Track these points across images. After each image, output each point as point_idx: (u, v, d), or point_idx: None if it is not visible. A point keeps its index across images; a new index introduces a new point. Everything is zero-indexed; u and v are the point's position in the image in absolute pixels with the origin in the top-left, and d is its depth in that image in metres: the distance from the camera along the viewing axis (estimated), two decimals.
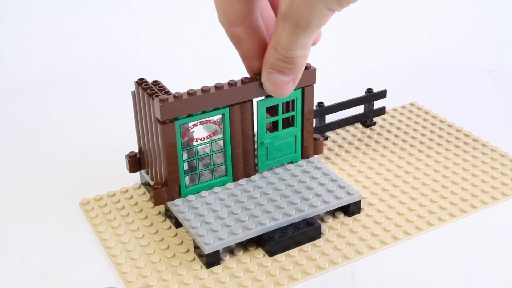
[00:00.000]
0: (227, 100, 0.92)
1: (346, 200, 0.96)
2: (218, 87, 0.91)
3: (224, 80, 0.94)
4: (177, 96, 0.89)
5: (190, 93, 0.90)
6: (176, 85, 1.08)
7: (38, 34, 1.55)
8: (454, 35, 1.63)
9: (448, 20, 1.68)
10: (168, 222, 0.97)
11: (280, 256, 0.90)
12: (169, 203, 0.95)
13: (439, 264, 0.89)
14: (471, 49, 1.57)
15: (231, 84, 0.92)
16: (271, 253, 0.90)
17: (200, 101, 0.90)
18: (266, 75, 0.86)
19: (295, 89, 0.97)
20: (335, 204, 0.95)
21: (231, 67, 1.34)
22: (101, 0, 1.61)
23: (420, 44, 1.61)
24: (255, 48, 0.88)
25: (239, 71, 0.97)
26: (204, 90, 0.91)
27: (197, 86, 0.93)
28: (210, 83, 0.94)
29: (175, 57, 1.55)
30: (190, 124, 0.93)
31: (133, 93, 0.99)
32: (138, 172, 1.06)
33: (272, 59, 0.83)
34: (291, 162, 1.03)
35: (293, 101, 0.99)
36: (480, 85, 1.42)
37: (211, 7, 0.86)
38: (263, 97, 0.96)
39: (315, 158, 1.04)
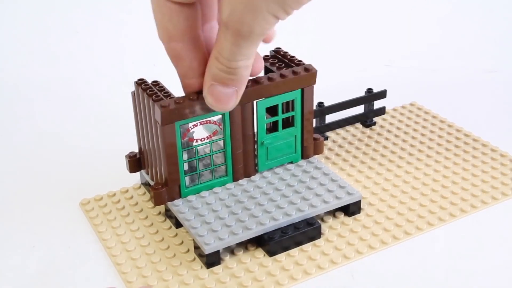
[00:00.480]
0: None
1: (346, 200, 0.96)
2: None
3: None
4: (178, 102, 0.89)
5: (191, 98, 0.89)
6: (176, 85, 1.08)
7: (37, 34, 1.55)
8: (454, 35, 1.63)
9: (448, 20, 1.68)
10: (168, 222, 0.97)
11: (280, 256, 0.90)
12: (169, 203, 0.95)
13: (439, 264, 0.89)
14: (471, 49, 1.57)
15: None
16: (271, 253, 0.90)
17: (201, 105, 0.90)
18: (208, 88, 0.81)
19: (294, 90, 0.97)
20: (335, 204, 0.95)
21: None
22: (101, 0, 1.61)
23: (420, 44, 1.61)
24: (194, 67, 0.84)
25: None
26: None
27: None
28: None
29: None
30: (190, 124, 0.93)
31: (133, 94, 0.99)
32: (138, 172, 1.06)
33: (215, 70, 0.79)
34: (291, 162, 1.03)
35: (293, 101, 0.99)
36: (480, 85, 1.42)
37: None
38: (262, 99, 0.96)
39: (315, 158, 1.04)
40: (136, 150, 1.05)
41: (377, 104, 1.24)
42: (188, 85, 0.87)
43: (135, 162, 1.03)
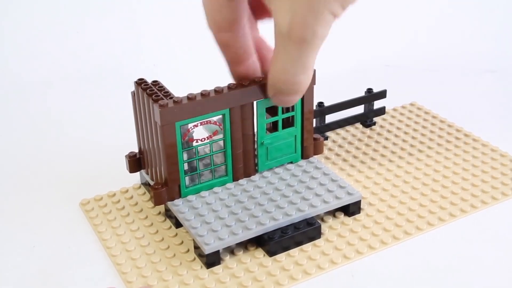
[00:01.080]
0: (227, 104, 0.92)
1: (346, 200, 0.96)
2: (217, 91, 0.91)
3: (222, 79, 0.93)
4: (177, 101, 0.89)
5: (190, 98, 0.90)
6: (176, 85, 1.08)
7: (38, 34, 1.55)
8: (454, 35, 1.63)
9: (448, 19, 1.68)
10: (168, 222, 0.97)
11: (280, 256, 0.90)
12: (169, 203, 0.95)
13: (439, 264, 0.89)
14: (471, 49, 1.57)
15: (231, 88, 0.92)
16: (271, 253, 0.90)
17: (200, 106, 0.90)
18: (272, 96, 0.87)
19: None
20: (335, 204, 0.95)
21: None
22: (102, 0, 1.61)
23: (420, 44, 1.61)
24: (241, 55, 0.89)
25: None
26: (204, 94, 0.91)
27: (197, 86, 0.93)
28: (210, 82, 0.94)
29: (176, 57, 1.55)
30: (191, 125, 0.93)
31: (133, 93, 0.99)
32: (138, 172, 1.06)
33: (277, 86, 0.83)
34: (291, 162, 1.03)
35: None
36: (480, 85, 1.42)
37: None
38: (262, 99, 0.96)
39: (315, 158, 1.04)
40: (136, 150, 1.05)
41: (377, 104, 1.24)
42: (236, 72, 0.92)
43: (135, 162, 1.03)
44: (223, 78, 0.97)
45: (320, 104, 1.17)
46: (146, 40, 1.59)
